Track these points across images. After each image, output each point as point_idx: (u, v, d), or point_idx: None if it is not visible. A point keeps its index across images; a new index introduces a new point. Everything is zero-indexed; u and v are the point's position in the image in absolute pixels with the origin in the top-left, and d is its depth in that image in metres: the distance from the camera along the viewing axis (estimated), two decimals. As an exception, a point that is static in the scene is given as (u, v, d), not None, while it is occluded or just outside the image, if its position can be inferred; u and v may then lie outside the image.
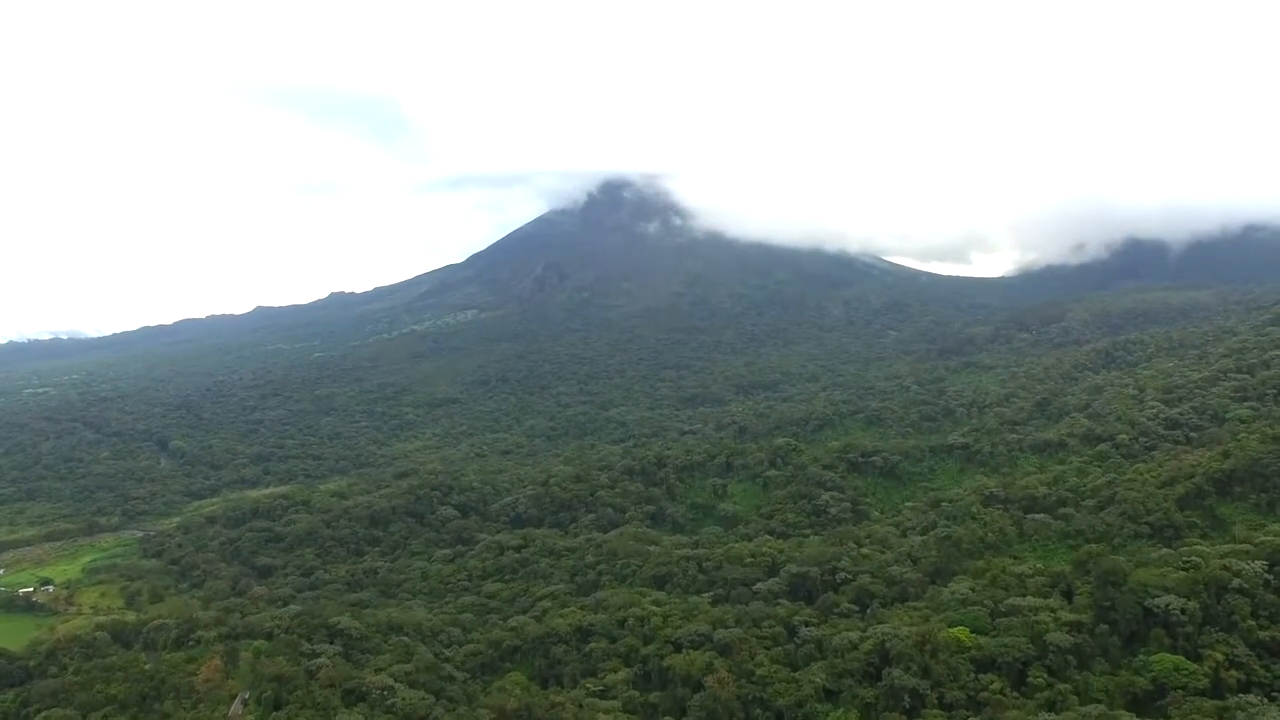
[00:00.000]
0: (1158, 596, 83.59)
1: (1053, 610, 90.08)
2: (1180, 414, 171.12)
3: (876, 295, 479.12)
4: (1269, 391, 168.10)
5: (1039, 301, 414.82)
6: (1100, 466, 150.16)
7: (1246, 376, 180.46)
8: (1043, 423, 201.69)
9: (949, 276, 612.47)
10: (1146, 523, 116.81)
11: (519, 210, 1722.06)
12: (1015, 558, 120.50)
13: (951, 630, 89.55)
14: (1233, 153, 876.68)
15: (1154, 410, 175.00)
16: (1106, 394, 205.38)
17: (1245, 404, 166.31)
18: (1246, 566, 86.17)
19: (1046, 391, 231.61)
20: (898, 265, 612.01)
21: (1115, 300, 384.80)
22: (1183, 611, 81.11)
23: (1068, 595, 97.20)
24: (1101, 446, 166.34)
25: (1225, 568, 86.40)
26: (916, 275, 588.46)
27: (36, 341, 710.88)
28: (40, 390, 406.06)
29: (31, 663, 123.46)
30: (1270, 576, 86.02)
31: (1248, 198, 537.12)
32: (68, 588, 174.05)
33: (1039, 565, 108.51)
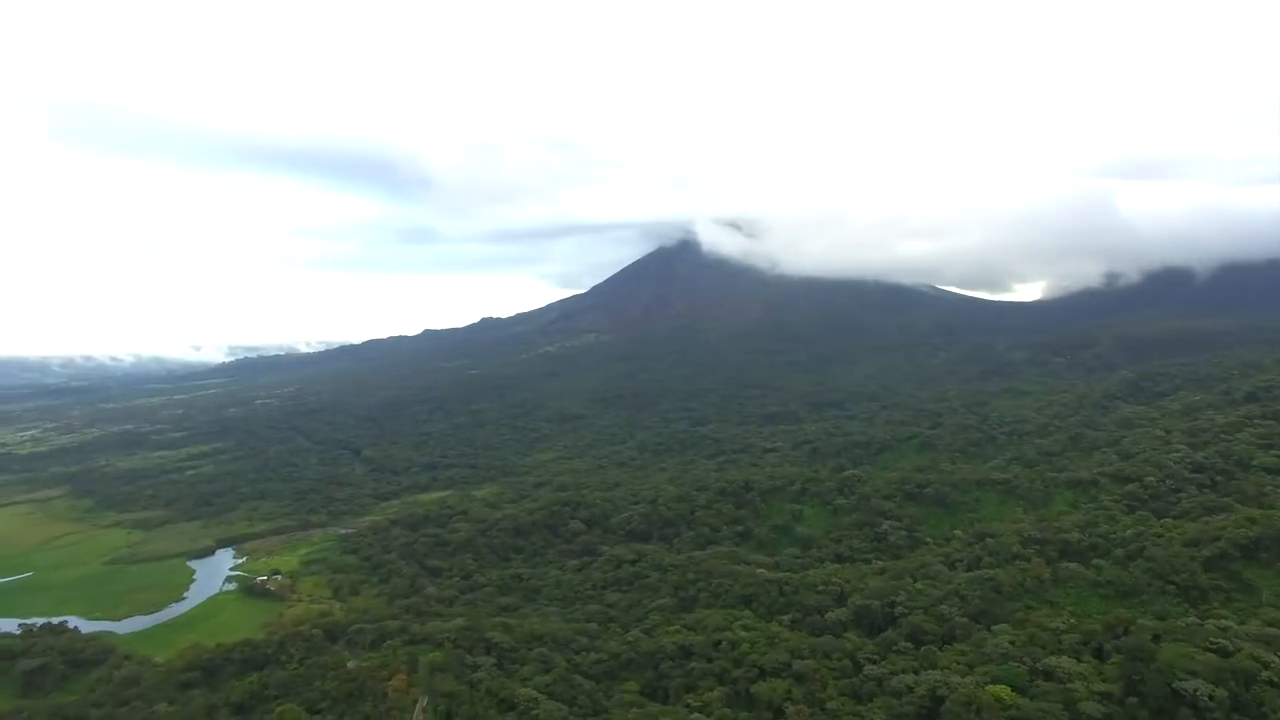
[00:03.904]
0: (1185, 680, 77.81)
1: (1085, 677, 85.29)
2: (1206, 458, 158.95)
3: (927, 320, 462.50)
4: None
5: (1071, 328, 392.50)
6: (1130, 515, 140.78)
7: (1273, 423, 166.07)
8: (1076, 456, 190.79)
9: (990, 301, 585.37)
10: (1173, 582, 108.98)
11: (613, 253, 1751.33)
12: (1051, 604, 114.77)
13: (994, 688, 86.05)
14: (1260, 180, 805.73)
15: (1180, 454, 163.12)
16: (1135, 430, 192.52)
17: (1271, 452, 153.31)
18: (1275, 659, 78.55)
19: (1079, 423, 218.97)
20: (945, 291, 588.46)
21: (1142, 325, 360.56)
22: (1210, 697, 75.01)
23: (1099, 655, 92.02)
24: (1131, 486, 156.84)
25: (1254, 658, 79.22)
26: (961, 300, 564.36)
27: (264, 356, 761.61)
28: (267, 401, 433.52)
29: (268, 650, 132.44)
30: (1297, 667, 78.90)
31: (1271, 226, 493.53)
32: (291, 577, 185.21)
33: (1073, 620, 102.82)
